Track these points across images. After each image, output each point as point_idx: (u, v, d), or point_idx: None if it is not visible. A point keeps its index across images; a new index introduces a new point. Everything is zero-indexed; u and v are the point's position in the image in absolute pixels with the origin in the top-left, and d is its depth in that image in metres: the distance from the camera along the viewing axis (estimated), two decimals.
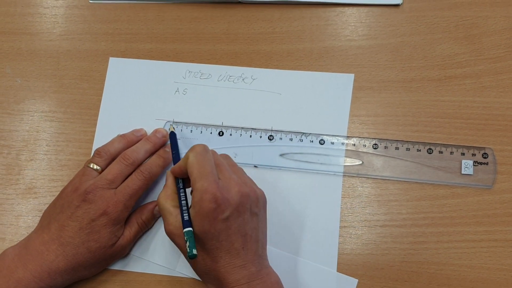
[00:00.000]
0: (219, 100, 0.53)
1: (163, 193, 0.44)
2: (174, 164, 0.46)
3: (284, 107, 0.52)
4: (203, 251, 0.41)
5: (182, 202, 0.42)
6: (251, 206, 0.42)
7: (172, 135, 0.50)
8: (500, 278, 0.46)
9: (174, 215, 0.42)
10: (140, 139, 0.50)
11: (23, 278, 0.42)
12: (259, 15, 0.56)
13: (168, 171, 0.45)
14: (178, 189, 0.44)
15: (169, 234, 0.42)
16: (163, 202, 0.43)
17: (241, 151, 0.50)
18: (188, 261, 0.44)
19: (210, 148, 0.50)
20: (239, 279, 0.40)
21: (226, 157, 0.46)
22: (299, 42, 0.54)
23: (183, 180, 0.44)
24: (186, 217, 0.41)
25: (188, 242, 0.39)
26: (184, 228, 0.40)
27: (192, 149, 0.42)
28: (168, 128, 0.51)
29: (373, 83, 0.52)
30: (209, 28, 0.56)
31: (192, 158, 0.41)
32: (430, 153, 0.49)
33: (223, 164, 0.43)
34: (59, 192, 0.47)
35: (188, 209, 0.41)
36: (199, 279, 0.47)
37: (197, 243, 0.40)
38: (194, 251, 0.39)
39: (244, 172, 0.46)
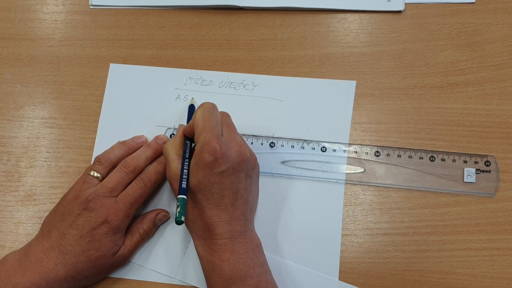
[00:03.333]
0: (220, 106, 0.52)
1: (171, 142, 0.46)
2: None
3: (286, 114, 0.52)
4: (194, 200, 0.43)
5: (185, 167, 0.44)
6: (248, 168, 0.44)
7: (191, 108, 0.51)
8: (503, 287, 0.46)
9: (176, 162, 0.44)
10: (141, 146, 0.49)
11: (20, 284, 0.42)
12: (260, 22, 0.55)
13: (180, 124, 0.50)
14: (184, 150, 0.45)
15: (169, 178, 0.45)
16: (169, 149, 0.46)
17: None
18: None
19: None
20: (223, 233, 0.42)
21: (227, 115, 0.48)
22: (301, 48, 0.54)
23: (190, 143, 0.46)
24: (184, 185, 0.42)
25: (179, 208, 0.41)
26: (179, 194, 0.42)
27: (201, 105, 0.45)
28: (189, 101, 0.52)
29: (375, 90, 0.52)
30: (210, 34, 0.55)
31: (199, 113, 0.44)
32: (432, 161, 0.49)
33: (231, 125, 0.46)
34: (59, 200, 0.47)
35: (188, 177, 0.43)
36: (200, 287, 0.46)
37: (190, 192, 0.43)
38: (183, 218, 0.41)
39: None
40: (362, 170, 0.49)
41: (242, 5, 0.55)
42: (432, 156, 0.49)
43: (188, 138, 0.46)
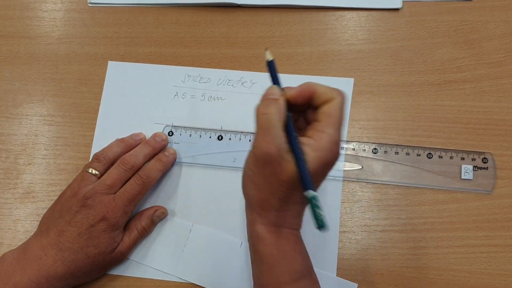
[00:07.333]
0: (219, 104, 0.52)
1: (277, 107, 0.35)
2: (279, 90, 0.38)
3: None
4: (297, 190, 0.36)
5: (300, 156, 0.34)
6: None
7: (272, 64, 0.39)
8: (500, 284, 0.46)
9: (283, 140, 0.35)
10: (139, 143, 0.50)
11: (20, 283, 0.42)
12: (258, 19, 0.55)
13: (273, 85, 0.38)
14: (288, 124, 0.36)
15: (266, 154, 0.35)
16: (275, 117, 0.35)
17: (240, 156, 0.50)
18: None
19: (209, 152, 0.51)
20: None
21: None
22: (299, 46, 0.54)
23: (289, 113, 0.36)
24: (307, 178, 0.34)
25: (317, 210, 0.34)
26: (306, 189, 0.34)
27: (343, 94, 0.36)
28: (267, 57, 0.39)
29: (372, 88, 0.52)
30: (208, 32, 0.55)
31: (339, 100, 0.36)
32: (430, 158, 0.49)
33: None
34: (57, 197, 0.47)
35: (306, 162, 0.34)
36: (198, 283, 0.47)
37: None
38: (325, 221, 0.33)
39: None
40: (360, 167, 0.49)
41: (240, 3, 0.55)
42: (429, 153, 0.49)
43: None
